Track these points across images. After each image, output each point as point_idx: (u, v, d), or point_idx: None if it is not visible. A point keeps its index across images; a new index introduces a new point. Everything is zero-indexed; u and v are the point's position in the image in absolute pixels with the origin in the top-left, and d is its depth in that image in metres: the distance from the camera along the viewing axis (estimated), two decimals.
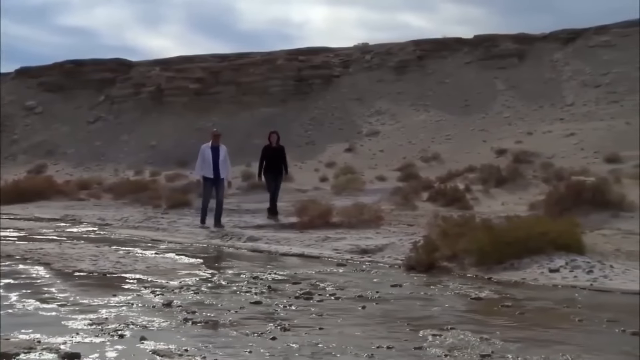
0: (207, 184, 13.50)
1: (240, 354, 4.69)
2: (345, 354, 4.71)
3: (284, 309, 6.16)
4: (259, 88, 44.54)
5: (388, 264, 9.31)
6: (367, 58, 46.01)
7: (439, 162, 30.05)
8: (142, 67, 50.83)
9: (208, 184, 13.49)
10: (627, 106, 33.38)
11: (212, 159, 13.40)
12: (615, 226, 10.78)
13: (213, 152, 13.45)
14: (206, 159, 13.43)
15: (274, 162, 13.95)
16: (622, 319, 5.75)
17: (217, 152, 13.49)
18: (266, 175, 14.02)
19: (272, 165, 13.96)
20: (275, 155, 13.99)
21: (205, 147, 13.69)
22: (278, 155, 14.01)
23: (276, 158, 13.97)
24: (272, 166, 13.96)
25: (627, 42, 38.42)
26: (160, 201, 18.32)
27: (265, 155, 14.03)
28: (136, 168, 37.54)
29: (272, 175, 13.98)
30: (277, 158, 13.97)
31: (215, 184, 13.47)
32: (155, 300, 6.48)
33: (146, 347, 4.80)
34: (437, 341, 5.01)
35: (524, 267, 8.17)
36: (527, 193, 16.12)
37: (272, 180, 13.97)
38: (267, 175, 14.00)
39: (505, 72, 40.58)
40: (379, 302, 6.57)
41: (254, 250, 10.99)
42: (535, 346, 4.91)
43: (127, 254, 9.81)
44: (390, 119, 39.85)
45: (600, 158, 25.35)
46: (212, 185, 13.46)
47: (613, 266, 8.01)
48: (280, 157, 14.03)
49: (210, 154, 13.43)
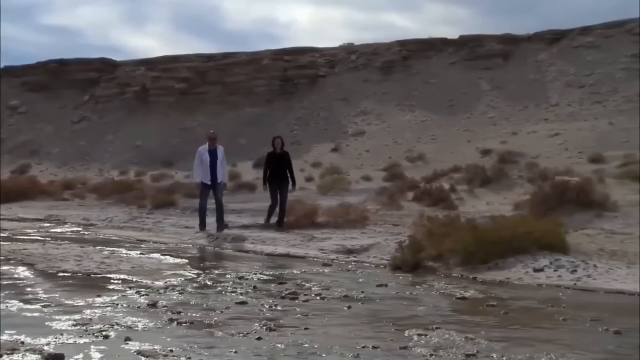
0: (205, 189, 12.99)
1: (225, 354, 4.68)
2: (330, 353, 4.71)
3: (269, 309, 6.16)
4: (244, 88, 44.47)
5: (374, 263, 9.33)
6: (352, 58, 46.06)
7: (425, 162, 30.13)
8: (127, 67, 50.61)
9: (205, 188, 12.97)
10: (611, 106, 33.65)
11: (210, 162, 12.84)
12: (599, 226, 10.85)
13: (211, 156, 12.88)
14: (204, 163, 12.87)
15: (278, 170, 12.86)
16: (605, 318, 5.79)
17: (215, 154, 12.93)
18: (270, 184, 12.91)
19: (277, 173, 12.86)
20: (279, 162, 12.92)
21: (203, 150, 13.05)
22: (283, 162, 12.95)
23: (281, 165, 12.90)
24: (276, 174, 12.86)
25: (611, 43, 38.73)
26: (145, 201, 18.24)
27: (269, 163, 12.99)
28: (121, 168, 37.38)
29: (277, 184, 12.85)
30: (281, 165, 12.91)
31: (213, 188, 12.95)
32: (140, 300, 6.45)
33: (131, 347, 4.78)
34: (423, 341, 5.03)
35: (508, 266, 8.20)
36: (512, 193, 16.19)
37: (277, 189, 12.84)
38: (272, 184, 12.89)
39: (490, 73, 40.76)
40: (365, 302, 6.58)
41: (239, 250, 10.97)
42: (520, 345, 4.93)
43: (111, 254, 9.76)
44: (376, 119, 39.92)
45: (584, 158, 25.52)
46: (209, 190, 12.96)
47: (596, 266, 8.06)
48: (285, 163, 12.94)
49: (208, 158, 12.85)
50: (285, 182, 12.85)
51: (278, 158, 12.95)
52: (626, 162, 21.25)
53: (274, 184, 12.83)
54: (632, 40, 38.28)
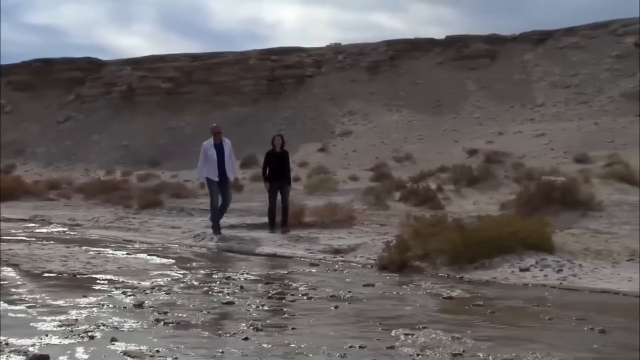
0: (214, 186, 12.12)
1: (212, 354, 4.68)
2: (317, 353, 4.71)
3: (256, 309, 6.15)
4: (231, 88, 44.39)
5: (361, 263, 9.34)
6: (339, 58, 46.08)
7: (411, 162, 30.20)
8: (113, 66, 50.37)
9: (215, 186, 12.11)
10: (596, 107, 33.86)
11: (217, 157, 12.03)
12: (584, 225, 10.93)
13: (217, 150, 12.06)
14: (210, 159, 12.06)
15: (278, 169, 12.43)
16: (590, 317, 5.83)
17: (221, 149, 12.13)
18: (270, 184, 12.48)
19: (277, 172, 12.41)
20: (279, 161, 12.50)
21: (207, 145, 12.22)
22: (283, 161, 12.55)
23: (281, 164, 12.49)
24: (276, 173, 12.41)
25: (595, 43, 38.97)
26: (132, 201, 18.16)
27: (268, 162, 12.55)
28: (107, 168, 37.20)
29: (277, 184, 12.38)
30: (281, 164, 12.50)
31: (222, 185, 12.15)
32: (126, 301, 6.43)
33: (117, 348, 4.76)
34: (409, 340, 5.04)
35: (495, 266, 8.24)
36: (498, 193, 16.26)
37: (276, 189, 12.38)
38: (271, 184, 12.46)
39: (477, 73, 40.90)
40: (352, 302, 6.59)
41: (226, 250, 10.95)
42: (506, 344, 4.96)
43: (97, 255, 9.72)
44: (363, 119, 39.96)
45: (570, 158, 25.68)
46: (219, 187, 12.11)
47: (582, 265, 8.11)
48: (284, 163, 12.57)
49: (215, 152, 12.04)
50: (286, 182, 12.50)
51: (278, 157, 12.52)
52: (611, 162, 21.42)
53: (274, 183, 12.41)
54: (616, 41, 38.55)
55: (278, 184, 12.39)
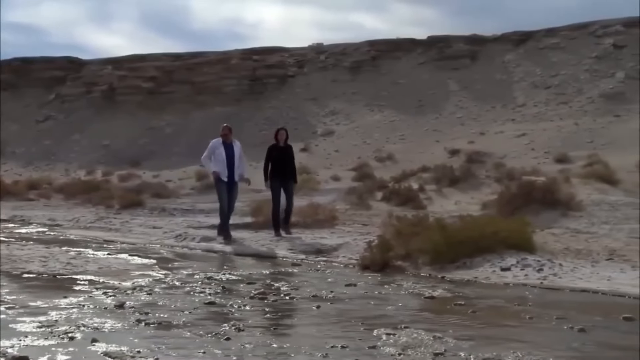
0: (223, 187, 11.33)
1: (193, 354, 4.66)
2: (299, 353, 4.71)
3: (238, 310, 6.13)
4: (213, 87, 44.30)
5: (343, 263, 9.35)
6: (321, 58, 46.14)
7: (393, 162, 30.29)
8: (94, 66, 50.08)
9: (223, 187, 11.33)
10: (575, 107, 34.17)
11: (227, 157, 11.25)
12: (565, 225, 11.01)
13: (227, 150, 11.29)
14: (218, 157, 11.29)
15: (282, 165, 11.57)
16: (570, 316, 5.87)
17: (231, 149, 11.37)
18: (272, 181, 11.57)
19: (281, 168, 11.55)
20: (283, 157, 11.64)
21: (216, 143, 11.43)
22: (287, 157, 11.70)
23: (285, 160, 11.63)
24: (280, 170, 11.55)
25: (575, 44, 39.32)
26: (113, 201, 18.07)
27: (271, 157, 11.64)
28: (88, 168, 36.98)
29: (281, 181, 11.55)
30: (286, 160, 11.64)
31: (230, 189, 11.37)
32: (107, 301, 6.38)
33: (97, 349, 4.73)
34: (391, 340, 5.04)
35: (476, 265, 8.28)
36: (480, 192, 16.35)
37: (279, 187, 11.52)
38: (273, 182, 11.55)
39: (458, 73, 41.12)
40: (334, 302, 6.59)
41: (208, 250, 10.91)
42: (487, 344, 4.98)
43: (78, 255, 9.64)
44: (345, 119, 40.02)
45: (550, 158, 25.88)
46: (227, 189, 11.37)
47: (562, 264, 8.17)
48: (289, 158, 11.73)
49: (224, 151, 11.25)
50: (290, 179, 11.73)
51: (282, 152, 11.67)
52: (590, 162, 21.60)
53: (277, 181, 11.54)
54: (595, 42, 38.94)
55: (282, 182, 11.58)
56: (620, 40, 37.89)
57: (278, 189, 11.49)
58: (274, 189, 11.48)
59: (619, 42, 37.80)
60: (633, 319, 5.78)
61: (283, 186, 11.54)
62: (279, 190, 11.49)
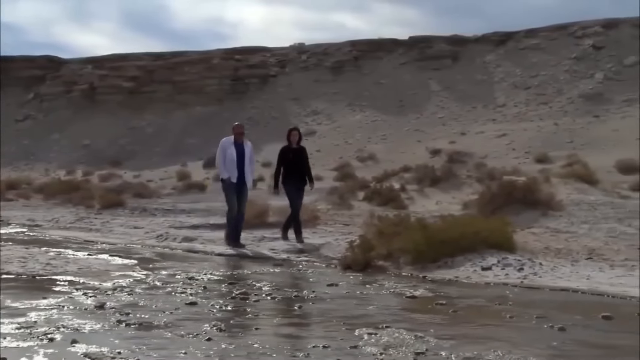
0: (231, 190, 10.73)
1: (175, 355, 4.64)
2: (281, 354, 4.70)
3: (220, 310, 6.12)
4: (194, 87, 44.14)
5: (324, 263, 9.36)
6: (303, 58, 46.13)
7: (375, 161, 30.33)
8: (74, 65, 49.72)
9: (232, 190, 10.73)
10: (555, 107, 34.42)
11: (237, 158, 10.67)
12: (545, 225, 11.09)
13: (238, 150, 10.73)
14: (228, 157, 10.67)
15: (296, 168, 10.88)
16: (550, 315, 5.91)
17: (242, 150, 10.79)
18: (287, 185, 10.90)
19: (294, 171, 10.87)
20: (297, 159, 10.94)
21: (227, 142, 10.84)
22: (300, 159, 11.00)
23: (298, 162, 10.94)
24: (294, 173, 10.87)
25: (555, 45, 39.61)
26: (93, 201, 17.95)
27: (284, 159, 10.97)
28: (68, 168, 36.69)
29: (295, 185, 10.88)
30: (299, 162, 10.95)
31: (239, 192, 10.75)
32: (87, 302, 6.34)
33: (77, 350, 4.69)
34: (373, 340, 5.05)
35: (457, 265, 8.32)
36: (461, 192, 16.41)
37: (296, 191, 10.89)
38: (289, 185, 10.88)
39: (440, 73, 41.27)
40: (315, 302, 6.59)
41: (189, 250, 10.87)
42: (468, 343, 5.00)
43: (58, 256, 9.57)
44: (327, 119, 40.04)
45: (531, 158, 26.04)
46: (236, 192, 10.74)
47: (542, 264, 8.23)
48: (303, 160, 11.06)
49: (234, 151, 10.69)
50: (303, 183, 11.01)
51: (295, 154, 10.98)
52: (570, 162, 21.78)
53: (292, 184, 10.88)
54: (574, 43, 39.26)
55: (297, 185, 10.92)
56: (599, 42, 38.24)
57: (294, 191, 10.84)
58: (289, 192, 10.86)
59: (598, 43, 38.15)
60: (612, 317, 5.84)
61: (297, 189, 10.92)
62: (295, 192, 10.85)
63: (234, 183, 10.63)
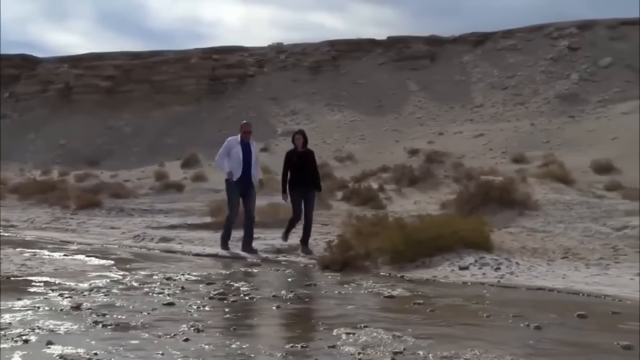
0: (236, 192, 10.38)
1: (152, 356, 4.61)
2: (259, 354, 4.69)
3: (197, 310, 6.09)
4: (172, 87, 43.87)
5: (303, 263, 9.36)
6: (281, 58, 46.05)
7: (353, 161, 30.36)
8: (50, 64, 49.22)
9: (235, 191, 10.39)
10: (532, 108, 34.67)
11: (243, 157, 10.34)
12: (521, 224, 11.17)
13: (244, 149, 10.40)
14: (233, 157, 10.34)
15: (302, 173, 10.37)
16: (526, 314, 5.96)
17: (249, 149, 10.50)
18: (291, 191, 10.41)
19: (300, 176, 10.37)
20: (303, 163, 10.43)
21: (233, 141, 10.49)
22: (307, 163, 10.49)
23: (305, 167, 10.42)
24: (299, 178, 10.37)
25: (531, 46, 39.91)
26: (69, 202, 17.79)
27: (289, 164, 10.52)
28: (43, 167, 36.27)
29: (301, 191, 10.33)
30: (305, 167, 10.43)
31: (245, 193, 10.39)
32: (63, 303, 6.28)
33: (53, 351, 4.65)
34: (351, 339, 5.06)
35: (435, 265, 8.36)
36: (439, 192, 16.49)
37: (300, 197, 10.32)
38: (293, 191, 10.39)
39: (417, 73, 41.39)
40: (293, 302, 6.58)
41: (167, 250, 10.83)
42: (446, 342, 5.03)
43: (33, 256, 9.48)
44: (305, 119, 40.00)
45: (508, 158, 26.21)
46: (240, 194, 10.41)
47: (519, 263, 8.30)
48: (309, 164, 10.54)
49: (240, 151, 10.34)
50: (311, 188, 10.43)
51: (301, 158, 10.49)
52: (546, 162, 21.96)
53: (297, 190, 10.35)
54: (550, 44, 39.57)
55: (302, 192, 10.33)
56: (574, 43, 38.58)
57: (299, 200, 10.30)
58: (295, 200, 10.32)
59: (574, 45, 38.49)
60: (587, 316, 5.90)
61: (303, 197, 10.33)
62: (300, 201, 10.30)
63: (237, 184, 10.28)
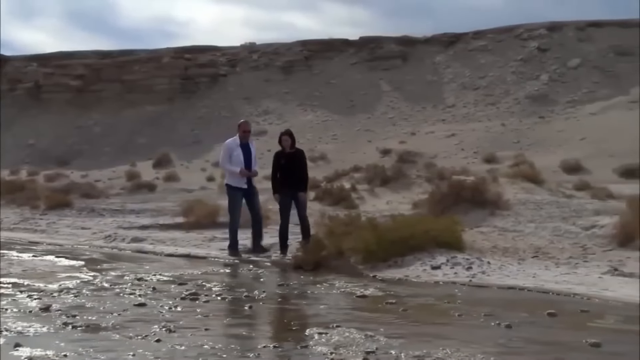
0: (237, 195, 10.08)
1: (123, 357, 4.57)
2: (231, 354, 4.68)
3: (169, 311, 6.06)
4: (144, 86, 43.55)
5: (275, 263, 9.34)
6: (254, 57, 45.93)
7: (326, 161, 30.39)
8: (18, 62, 48.56)
9: (238, 195, 10.08)
10: (503, 108, 34.99)
11: (244, 160, 10.05)
12: (492, 224, 11.25)
13: (244, 151, 10.10)
14: (235, 160, 10.05)
15: (290, 174, 9.90)
16: (497, 313, 6.01)
17: (249, 150, 10.19)
18: (280, 194, 9.99)
19: (289, 177, 9.91)
20: (291, 164, 9.95)
21: (232, 144, 10.21)
22: (296, 164, 10.01)
23: (293, 168, 9.94)
24: (288, 179, 9.91)
25: (502, 47, 40.27)
26: (39, 202, 17.56)
27: (278, 165, 10.08)
28: (12, 167, 35.77)
29: (290, 193, 9.91)
30: (294, 169, 9.95)
31: (248, 194, 10.13)
32: (32, 304, 6.21)
33: (21, 354, 4.59)
34: (323, 339, 5.07)
35: (407, 264, 8.39)
36: (411, 192, 16.54)
37: (289, 200, 9.93)
38: (282, 194, 9.97)
39: (390, 74, 41.55)
40: (266, 302, 6.57)
41: (138, 251, 10.75)
42: (418, 341, 5.05)
43: (1, 257, 9.34)
44: (278, 119, 39.95)
45: (479, 158, 26.43)
46: (242, 197, 10.13)
47: (490, 262, 8.36)
48: (299, 165, 10.04)
49: (241, 154, 10.05)
50: (302, 190, 10.02)
51: (289, 159, 10.02)
52: (517, 162, 22.16)
53: (286, 194, 9.94)
54: (520, 45, 39.97)
55: (291, 193, 9.92)
56: (544, 44, 39.02)
57: (287, 202, 9.90)
58: (283, 203, 9.93)
59: (543, 46, 38.93)
60: (556, 314, 5.97)
61: (294, 199, 9.94)
62: (289, 204, 9.91)
63: (240, 191, 10.03)
